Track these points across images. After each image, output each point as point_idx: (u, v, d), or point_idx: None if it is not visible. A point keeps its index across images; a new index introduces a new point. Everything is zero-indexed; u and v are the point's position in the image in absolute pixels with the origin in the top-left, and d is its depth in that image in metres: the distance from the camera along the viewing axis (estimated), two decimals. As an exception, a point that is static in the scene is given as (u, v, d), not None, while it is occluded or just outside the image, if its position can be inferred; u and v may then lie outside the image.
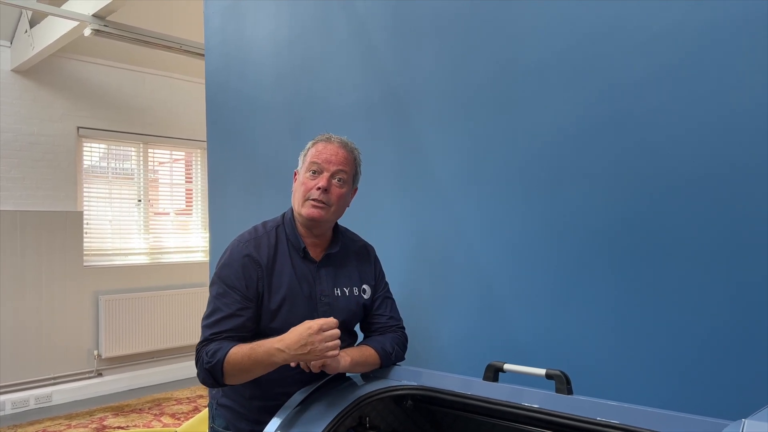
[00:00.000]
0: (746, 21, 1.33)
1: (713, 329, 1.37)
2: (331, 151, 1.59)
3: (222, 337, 1.47)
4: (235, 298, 1.50)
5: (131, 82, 5.67)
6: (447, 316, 1.92)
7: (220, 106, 2.86)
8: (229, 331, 1.48)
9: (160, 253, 5.93)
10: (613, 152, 1.55)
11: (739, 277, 1.34)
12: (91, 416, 4.67)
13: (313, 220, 1.57)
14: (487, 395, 1.33)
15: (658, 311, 1.46)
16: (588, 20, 1.60)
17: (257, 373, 1.43)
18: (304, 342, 1.35)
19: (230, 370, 1.41)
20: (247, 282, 1.52)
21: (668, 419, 1.08)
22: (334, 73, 2.31)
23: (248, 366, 1.40)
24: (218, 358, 1.41)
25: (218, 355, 1.42)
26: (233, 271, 1.53)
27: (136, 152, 5.82)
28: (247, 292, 1.52)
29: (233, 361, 1.40)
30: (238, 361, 1.40)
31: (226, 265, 1.55)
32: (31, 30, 4.70)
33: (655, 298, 1.46)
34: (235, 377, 1.43)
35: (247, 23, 2.71)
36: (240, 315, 1.50)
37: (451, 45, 1.92)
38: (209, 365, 1.42)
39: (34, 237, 5.02)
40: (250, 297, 1.52)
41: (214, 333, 1.47)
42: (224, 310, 1.49)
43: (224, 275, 1.54)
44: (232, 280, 1.52)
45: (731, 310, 1.35)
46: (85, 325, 5.29)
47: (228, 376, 1.42)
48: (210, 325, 1.49)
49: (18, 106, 5.01)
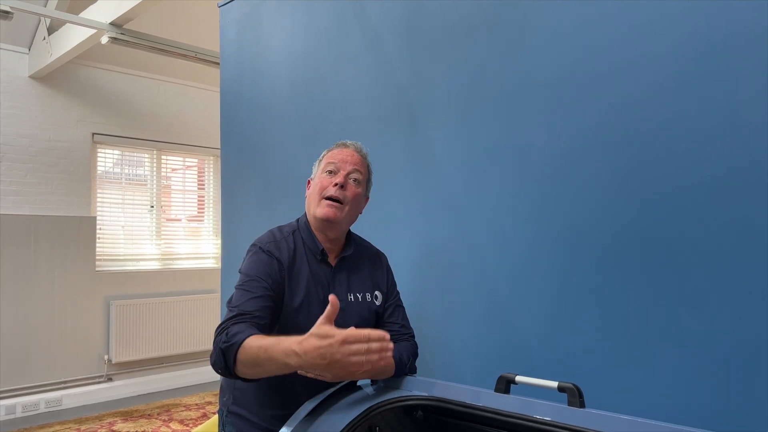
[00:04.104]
0: (758, 34, 1.33)
1: (733, 341, 1.36)
2: (347, 153, 1.65)
3: (252, 314, 1.42)
4: (263, 285, 1.49)
5: (146, 89, 5.73)
6: (457, 326, 1.91)
7: (234, 115, 2.89)
8: (258, 311, 1.44)
9: (171, 259, 5.96)
10: (625, 162, 1.55)
11: (761, 286, 1.32)
12: (101, 421, 4.69)
13: (327, 220, 1.59)
14: (498, 407, 1.32)
15: (673, 323, 1.45)
16: (600, 34, 1.60)
17: (269, 370, 1.31)
18: (324, 352, 1.20)
19: (244, 358, 1.31)
20: (273, 276, 1.52)
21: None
22: (347, 85, 2.32)
23: (262, 359, 1.29)
24: (236, 341, 1.32)
25: (238, 337, 1.33)
26: (258, 266, 1.53)
27: (149, 159, 5.88)
28: (273, 284, 1.52)
29: (248, 349, 1.30)
30: (255, 350, 1.29)
31: (254, 260, 1.55)
32: (50, 37, 4.77)
33: (671, 309, 1.45)
34: (246, 367, 1.33)
35: (262, 33, 2.74)
36: (268, 300, 1.48)
37: (465, 57, 1.93)
38: (225, 345, 1.33)
39: (48, 241, 5.07)
40: (275, 290, 1.52)
41: (244, 311, 1.43)
42: (254, 292, 1.47)
43: (251, 268, 1.53)
44: (259, 270, 1.52)
45: (751, 321, 1.33)
46: (96, 329, 5.32)
47: (240, 363, 1.32)
48: (239, 305, 1.45)
49: (35, 112, 5.08)
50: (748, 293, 1.33)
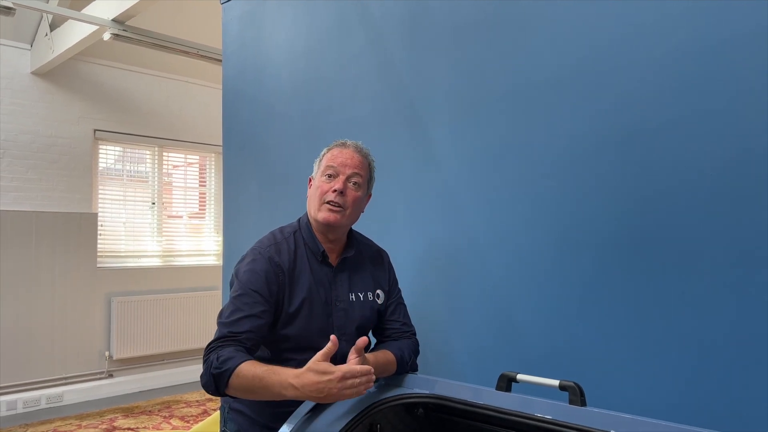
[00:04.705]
0: (761, 34, 1.33)
1: (734, 339, 1.36)
2: (347, 156, 1.62)
3: (240, 338, 1.43)
4: (257, 300, 1.49)
5: (148, 86, 5.73)
6: (459, 325, 1.92)
7: (236, 112, 2.89)
8: (248, 333, 1.45)
9: (172, 256, 5.96)
10: (628, 162, 1.55)
11: (761, 286, 1.32)
12: (102, 417, 4.70)
13: (328, 224, 1.58)
14: (499, 405, 1.33)
15: (673, 322, 1.45)
16: (603, 33, 1.60)
17: (263, 397, 1.38)
18: (322, 387, 1.26)
19: (236, 384, 1.35)
20: (270, 287, 1.52)
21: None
22: (350, 83, 2.32)
23: (256, 388, 1.33)
24: (228, 367, 1.35)
25: (229, 363, 1.35)
26: (256, 275, 1.52)
27: (151, 155, 5.88)
28: (269, 296, 1.51)
29: (243, 377, 1.34)
30: (249, 379, 1.33)
31: (249, 269, 1.54)
32: (51, 33, 4.77)
33: (671, 308, 1.45)
34: (238, 392, 1.38)
35: (265, 31, 2.73)
36: (260, 318, 1.48)
37: (467, 57, 1.92)
38: (217, 372, 1.36)
39: (49, 237, 5.07)
40: (271, 302, 1.52)
41: (232, 332, 1.44)
42: (245, 310, 1.47)
43: (246, 279, 1.52)
44: (254, 283, 1.51)
45: (752, 320, 1.33)
46: (97, 326, 5.33)
47: (231, 388, 1.36)
48: (228, 323, 1.46)
49: (36, 108, 5.08)
50: (749, 292, 1.33)
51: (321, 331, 1.55)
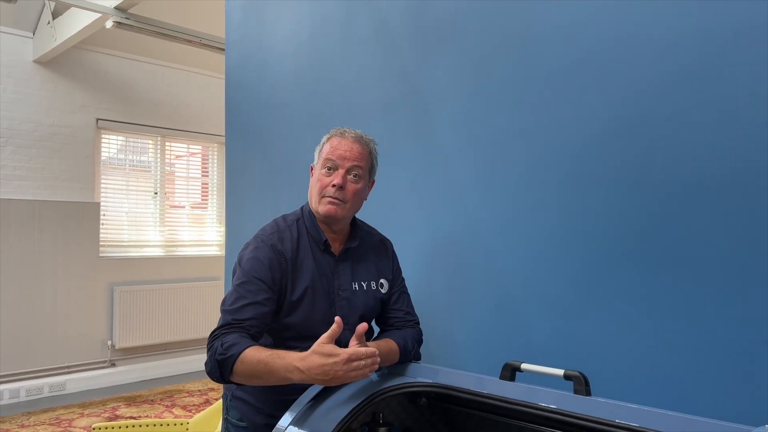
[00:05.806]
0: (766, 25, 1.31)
1: (739, 331, 1.35)
2: (346, 147, 1.59)
3: (244, 324, 1.43)
4: (260, 287, 1.48)
5: (150, 75, 5.71)
6: (463, 315, 1.91)
7: (239, 102, 2.87)
8: (252, 320, 1.44)
9: (174, 246, 5.97)
10: (633, 154, 1.53)
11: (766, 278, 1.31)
12: (104, 405, 4.72)
13: (330, 217, 1.57)
14: (502, 394, 1.32)
15: (678, 312, 1.44)
16: (609, 24, 1.58)
17: (267, 382, 1.37)
18: (327, 369, 1.26)
19: (241, 370, 1.35)
20: (273, 275, 1.51)
21: (689, 423, 1.06)
22: (353, 71, 2.30)
23: (261, 372, 1.33)
24: (233, 353, 1.35)
25: (234, 349, 1.35)
26: (259, 263, 1.51)
27: (153, 145, 5.87)
28: (273, 284, 1.51)
29: (247, 362, 1.34)
30: (253, 364, 1.33)
31: (253, 257, 1.53)
32: (54, 21, 4.74)
33: (675, 298, 1.45)
34: (243, 378, 1.37)
35: (268, 19, 2.71)
36: (264, 305, 1.48)
37: (472, 46, 1.91)
38: (222, 357, 1.36)
39: (52, 227, 5.07)
40: (274, 289, 1.51)
41: (236, 319, 1.43)
42: (248, 297, 1.47)
43: (250, 267, 1.51)
44: (258, 271, 1.50)
45: (758, 312, 1.32)
46: (100, 315, 5.34)
47: (236, 374, 1.36)
48: (232, 311, 1.45)
49: (39, 97, 5.07)
50: (755, 282, 1.32)
51: (323, 319, 1.54)
